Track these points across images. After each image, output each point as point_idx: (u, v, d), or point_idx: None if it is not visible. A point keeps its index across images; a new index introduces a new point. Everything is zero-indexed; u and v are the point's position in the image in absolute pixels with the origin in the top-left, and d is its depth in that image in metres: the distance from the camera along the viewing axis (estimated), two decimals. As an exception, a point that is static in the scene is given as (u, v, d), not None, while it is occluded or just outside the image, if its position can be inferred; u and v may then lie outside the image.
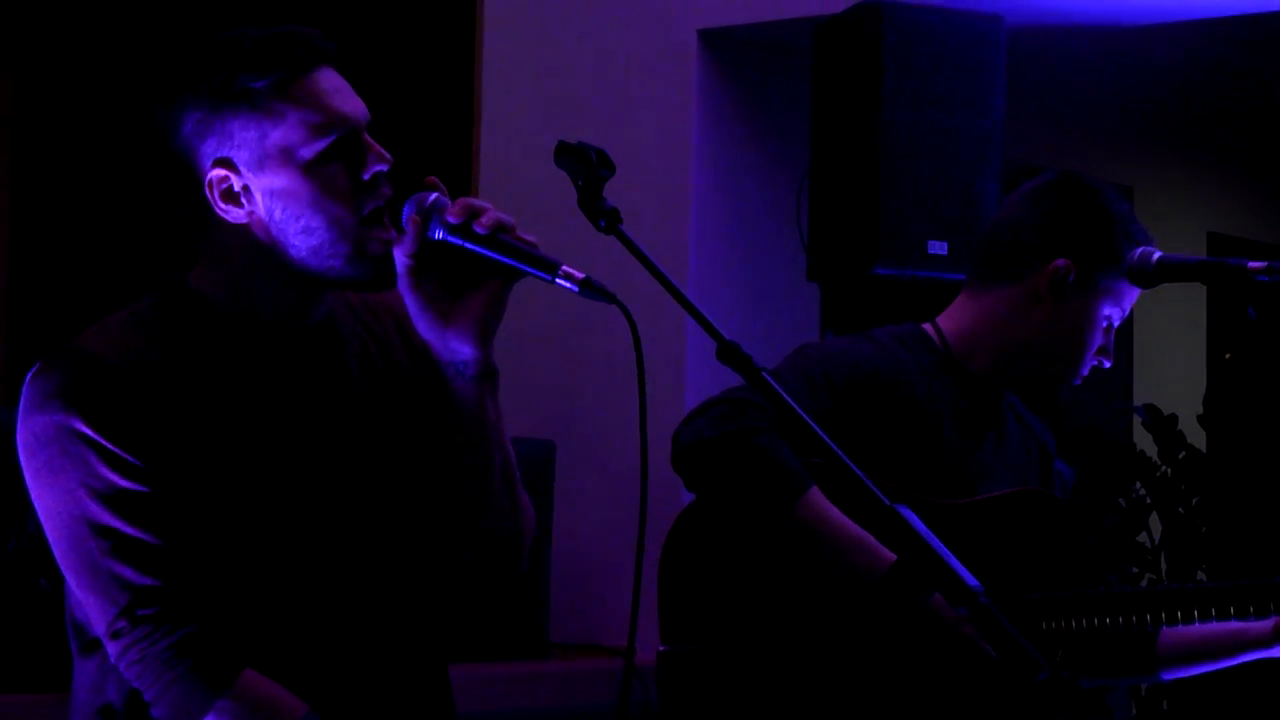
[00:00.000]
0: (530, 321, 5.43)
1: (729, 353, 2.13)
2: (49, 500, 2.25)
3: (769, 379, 2.12)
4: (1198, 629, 3.03)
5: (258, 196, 2.29)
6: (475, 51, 5.94)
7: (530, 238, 2.26)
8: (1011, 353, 3.14)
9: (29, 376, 2.27)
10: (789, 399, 2.11)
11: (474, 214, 2.25)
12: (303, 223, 2.28)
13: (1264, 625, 3.00)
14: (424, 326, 2.32)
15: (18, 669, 3.87)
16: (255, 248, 2.31)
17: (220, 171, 2.28)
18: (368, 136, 2.32)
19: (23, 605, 3.86)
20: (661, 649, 3.07)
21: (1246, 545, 5.95)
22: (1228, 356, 8.57)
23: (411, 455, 2.42)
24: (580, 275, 2.17)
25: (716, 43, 5.58)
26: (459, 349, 2.32)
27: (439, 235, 2.27)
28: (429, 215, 2.27)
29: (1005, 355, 3.14)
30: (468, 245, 2.26)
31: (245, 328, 2.34)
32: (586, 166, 2.23)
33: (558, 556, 5.19)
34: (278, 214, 2.28)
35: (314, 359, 2.38)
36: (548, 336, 5.63)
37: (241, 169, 2.28)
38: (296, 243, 2.29)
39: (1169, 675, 3.13)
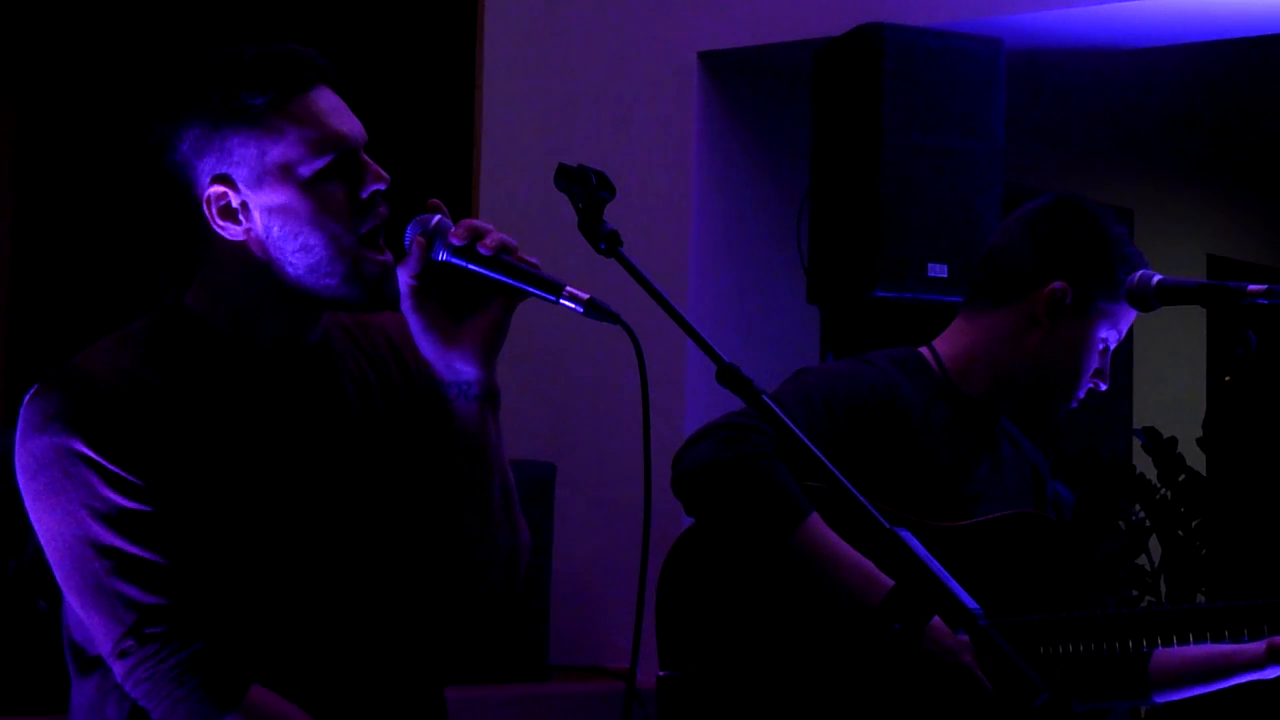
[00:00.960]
0: (529, 343, 5.43)
1: (729, 375, 2.12)
2: (50, 522, 2.25)
3: (769, 402, 2.11)
4: (1190, 651, 3.03)
5: (255, 214, 2.29)
6: (475, 72, 5.95)
7: (533, 259, 2.27)
8: (1008, 375, 3.14)
9: (27, 398, 2.26)
10: (789, 422, 2.11)
11: (477, 235, 2.26)
12: (300, 240, 2.28)
13: (1257, 647, 2.99)
14: (427, 347, 2.32)
15: (17, 691, 3.87)
16: (251, 266, 2.31)
17: (219, 188, 2.28)
18: (365, 155, 2.32)
19: (22, 627, 3.85)
20: (662, 673, 3.06)
21: (1246, 568, 5.94)
22: (1227, 379, 8.57)
23: (407, 475, 2.41)
24: (585, 296, 2.17)
25: (717, 65, 5.58)
26: (462, 369, 2.32)
27: (443, 257, 2.27)
28: (433, 237, 2.27)
29: (1002, 378, 3.14)
30: (471, 267, 2.26)
31: (241, 348, 2.34)
32: (586, 189, 2.23)
33: (557, 578, 5.18)
34: (275, 231, 2.29)
35: (309, 379, 2.38)
36: (547, 358, 5.63)
37: (240, 186, 2.28)
38: (294, 260, 2.29)
39: (1161, 698, 3.12)
